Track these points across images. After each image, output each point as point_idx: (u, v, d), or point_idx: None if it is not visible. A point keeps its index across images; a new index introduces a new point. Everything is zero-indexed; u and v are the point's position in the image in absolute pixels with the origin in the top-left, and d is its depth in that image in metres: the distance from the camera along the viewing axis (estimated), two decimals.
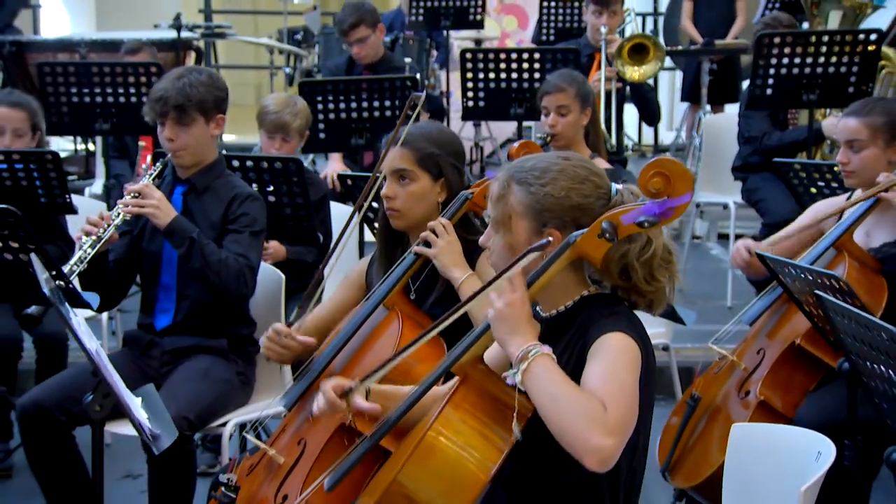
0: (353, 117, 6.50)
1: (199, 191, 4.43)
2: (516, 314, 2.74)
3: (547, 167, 2.89)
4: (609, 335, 2.74)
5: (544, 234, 2.83)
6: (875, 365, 3.09)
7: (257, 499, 3.61)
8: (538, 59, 6.95)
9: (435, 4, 9.33)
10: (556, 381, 2.66)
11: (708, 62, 9.37)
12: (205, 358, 4.29)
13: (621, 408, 2.65)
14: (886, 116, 4.44)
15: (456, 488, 2.72)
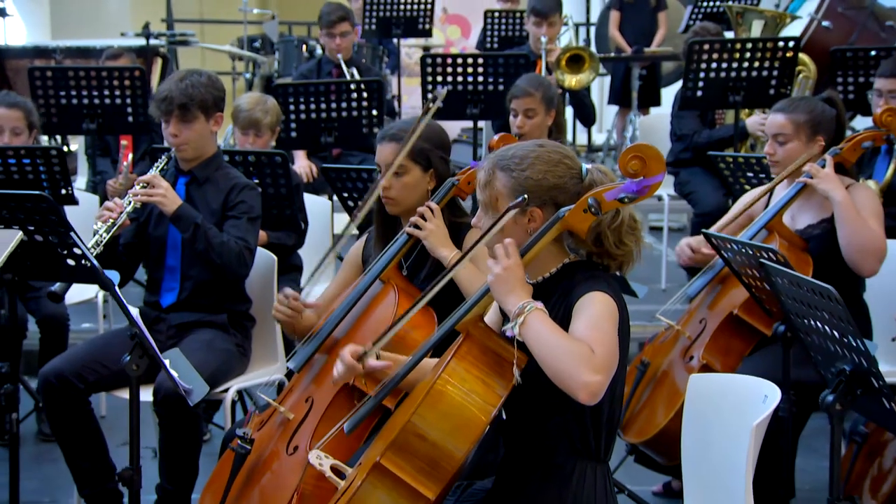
0: (323, 117, 6.55)
1: (201, 181, 4.55)
2: (512, 277, 2.91)
3: (525, 154, 3.09)
4: (591, 294, 2.93)
5: (526, 212, 3.02)
6: (810, 320, 3.32)
7: (269, 450, 3.76)
8: (492, 64, 7.00)
9: (387, 14, 9.41)
10: (549, 330, 2.85)
11: (638, 68, 9.53)
12: (207, 331, 4.43)
13: (605, 349, 2.83)
14: (808, 114, 4.61)
15: (461, 428, 2.90)
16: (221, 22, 12.15)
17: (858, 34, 8.13)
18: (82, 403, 4.32)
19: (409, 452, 2.94)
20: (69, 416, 4.31)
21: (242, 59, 10.65)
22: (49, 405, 4.30)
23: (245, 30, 10.78)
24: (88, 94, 6.59)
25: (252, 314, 4.70)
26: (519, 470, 3.10)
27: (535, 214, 3.01)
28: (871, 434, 4.24)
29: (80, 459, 4.37)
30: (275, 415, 3.84)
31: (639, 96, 9.59)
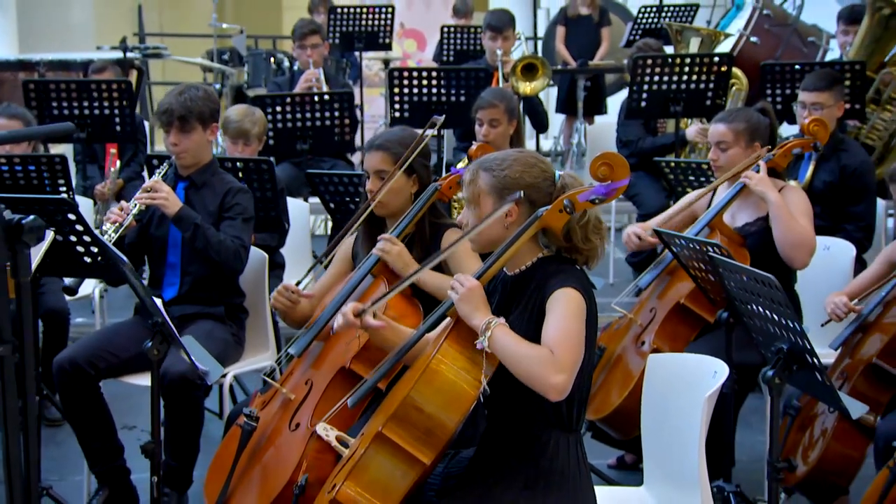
0: (298, 126, 6.68)
1: (198, 186, 4.66)
2: (473, 298, 3.11)
3: (505, 157, 3.28)
4: (560, 290, 3.11)
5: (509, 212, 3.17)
6: (753, 305, 3.54)
7: (272, 427, 3.87)
8: (454, 77, 7.09)
9: (349, 30, 9.55)
10: (512, 341, 3.05)
11: (583, 80, 9.68)
12: (206, 322, 4.52)
13: (568, 351, 3.02)
14: (746, 123, 4.77)
15: (453, 401, 3.08)
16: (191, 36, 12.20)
17: (783, 49, 8.13)
18: (93, 389, 4.41)
19: (408, 423, 3.09)
20: (81, 401, 4.40)
21: (213, 71, 10.67)
22: (63, 390, 4.39)
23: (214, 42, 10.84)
24: (79, 106, 6.65)
25: (246, 306, 4.81)
26: (500, 440, 3.24)
27: (511, 210, 3.18)
28: (802, 408, 4.40)
29: (91, 440, 4.45)
30: (276, 395, 3.94)
31: (584, 105, 9.73)
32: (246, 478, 3.84)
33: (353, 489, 3.13)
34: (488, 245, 3.26)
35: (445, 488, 3.32)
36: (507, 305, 3.24)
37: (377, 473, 3.15)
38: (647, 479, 3.72)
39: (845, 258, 5.13)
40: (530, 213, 3.17)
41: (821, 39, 8.30)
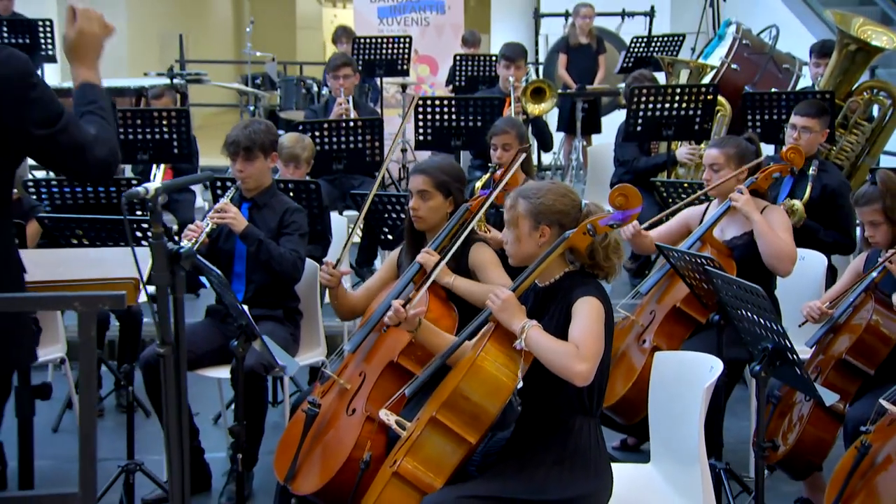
0: (335, 148, 6.79)
1: (260, 206, 4.87)
2: (510, 307, 3.33)
3: (540, 187, 3.50)
4: (583, 298, 3.32)
5: (539, 229, 3.42)
6: (743, 311, 3.69)
7: (331, 412, 4.02)
8: (471, 104, 7.20)
9: (371, 58, 9.66)
10: (544, 339, 3.25)
11: (581, 102, 9.66)
12: (268, 323, 4.70)
13: (590, 345, 3.22)
14: (736, 148, 4.90)
15: (495, 391, 3.29)
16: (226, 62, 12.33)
17: (761, 75, 8.17)
18: None
19: (457, 409, 3.30)
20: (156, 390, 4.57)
21: (247, 95, 10.69)
22: (148, 381, 4.56)
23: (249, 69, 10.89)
24: (143, 131, 6.78)
25: (300, 310, 5.00)
26: (532, 424, 3.43)
27: (544, 231, 3.41)
28: (783, 397, 4.46)
29: None
30: (334, 385, 4.09)
31: (582, 125, 9.71)
32: (310, 455, 3.97)
33: (411, 464, 3.34)
34: (524, 260, 3.46)
35: (485, 464, 3.49)
36: (538, 311, 3.43)
37: (431, 451, 3.35)
38: (654, 458, 3.86)
39: (818, 267, 5.24)
40: (559, 234, 3.38)
41: (794, 66, 8.36)
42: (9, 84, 2.79)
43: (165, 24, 19.71)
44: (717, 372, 3.49)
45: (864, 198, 4.42)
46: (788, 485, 4.70)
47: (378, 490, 3.42)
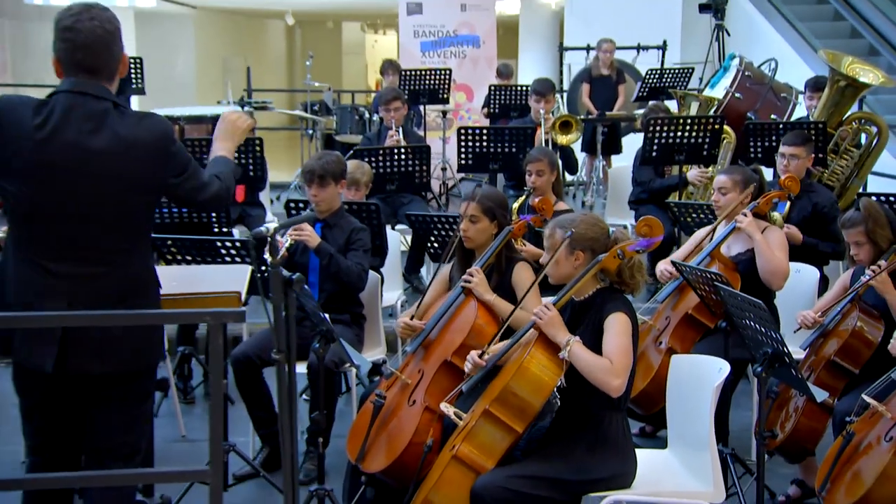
0: (387, 172, 6.89)
1: (331, 225, 5.00)
2: (555, 322, 3.52)
3: (574, 218, 3.68)
4: (614, 314, 3.51)
5: (574, 254, 3.60)
6: (746, 320, 3.83)
7: (395, 403, 4.12)
8: (507, 133, 7.28)
9: (416, 87, 9.78)
10: (584, 355, 3.44)
11: (602, 126, 9.63)
12: (337, 326, 4.67)
13: (622, 360, 3.42)
14: (741, 175, 5.02)
15: (539, 389, 3.49)
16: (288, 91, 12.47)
17: (761, 103, 8.09)
18: (258, 374, 4.74)
19: (507, 403, 3.50)
20: (250, 383, 4.75)
21: (306, 120, 10.78)
22: (237, 375, 4.73)
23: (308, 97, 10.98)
24: None
25: (364, 314, 5.13)
26: (569, 416, 3.59)
27: (579, 256, 3.60)
28: (780, 392, 4.42)
29: (257, 410, 4.79)
30: (397, 381, 4.17)
31: (602, 147, 9.70)
32: (377, 440, 4.07)
33: (467, 448, 3.54)
34: (562, 280, 3.64)
35: (529, 449, 3.66)
36: (575, 322, 3.60)
37: (484, 438, 3.54)
38: (671, 444, 3.97)
39: (812, 279, 5.32)
40: (592, 258, 3.57)
41: (791, 95, 8.33)
42: (156, 143, 3.14)
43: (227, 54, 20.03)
44: (724, 373, 3.64)
45: (849, 221, 4.52)
46: (785, 467, 4.74)
47: (440, 470, 3.59)
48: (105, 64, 3.09)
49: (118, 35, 3.14)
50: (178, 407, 5.39)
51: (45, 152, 3.00)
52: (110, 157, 3.05)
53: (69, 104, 3.04)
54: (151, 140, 3.11)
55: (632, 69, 10.93)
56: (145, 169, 3.12)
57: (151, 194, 3.22)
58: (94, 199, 3.06)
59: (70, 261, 3.09)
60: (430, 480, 3.65)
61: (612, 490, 3.58)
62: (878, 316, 4.40)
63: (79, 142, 3.02)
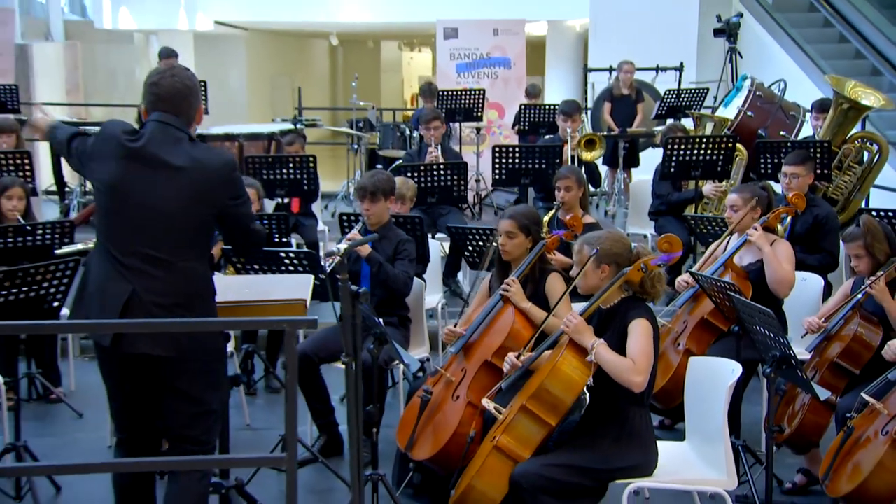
0: (428, 185, 7.00)
1: (380, 237, 5.07)
2: (580, 328, 3.62)
3: (601, 235, 3.79)
4: (637, 320, 3.61)
5: (601, 268, 3.69)
6: (757, 326, 3.94)
7: (439, 398, 4.26)
8: (537, 151, 7.40)
9: (452, 106, 9.93)
10: (609, 356, 3.55)
11: (623, 141, 9.73)
12: (387, 328, 4.66)
13: (644, 360, 3.53)
14: (752, 193, 5.07)
15: (570, 388, 3.61)
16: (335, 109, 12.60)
17: (771, 121, 8.08)
18: (316, 370, 4.87)
19: (541, 400, 3.62)
20: (309, 378, 4.86)
21: (352, 136, 10.89)
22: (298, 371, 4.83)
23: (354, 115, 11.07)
24: (280, 173, 7.09)
25: (410, 317, 5.23)
26: (597, 410, 3.72)
27: (605, 269, 3.70)
28: (787, 390, 4.55)
29: (314, 402, 4.92)
30: (442, 378, 4.31)
31: (623, 160, 9.77)
32: (424, 430, 4.21)
33: (506, 439, 3.67)
34: (590, 290, 3.76)
35: (561, 440, 3.77)
36: (602, 328, 3.72)
37: (521, 430, 3.66)
38: (688, 437, 4.04)
39: (816, 286, 5.37)
40: (617, 271, 3.68)
41: (799, 113, 8.31)
42: (222, 167, 3.43)
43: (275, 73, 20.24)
44: (737, 374, 3.73)
45: (850, 236, 4.60)
46: (792, 458, 4.78)
47: (482, 459, 3.73)
48: (184, 112, 3.43)
49: (195, 90, 3.48)
50: (243, 399, 5.54)
51: (134, 158, 3.34)
52: (184, 171, 3.34)
53: (156, 128, 3.39)
54: (218, 164, 3.41)
55: (651, 89, 10.95)
56: (211, 186, 3.39)
57: (212, 209, 3.43)
58: (164, 205, 3.33)
59: (137, 256, 3.32)
60: (473, 468, 3.78)
61: (636, 478, 3.66)
62: (877, 322, 4.44)
63: (161, 155, 3.34)
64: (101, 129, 3.47)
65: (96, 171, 3.42)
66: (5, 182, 5.59)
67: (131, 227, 3.35)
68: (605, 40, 11.84)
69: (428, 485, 4.39)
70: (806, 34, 11.80)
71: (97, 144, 3.45)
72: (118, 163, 3.36)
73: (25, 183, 5.99)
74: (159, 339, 3.31)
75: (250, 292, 3.84)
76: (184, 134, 3.42)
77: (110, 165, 3.37)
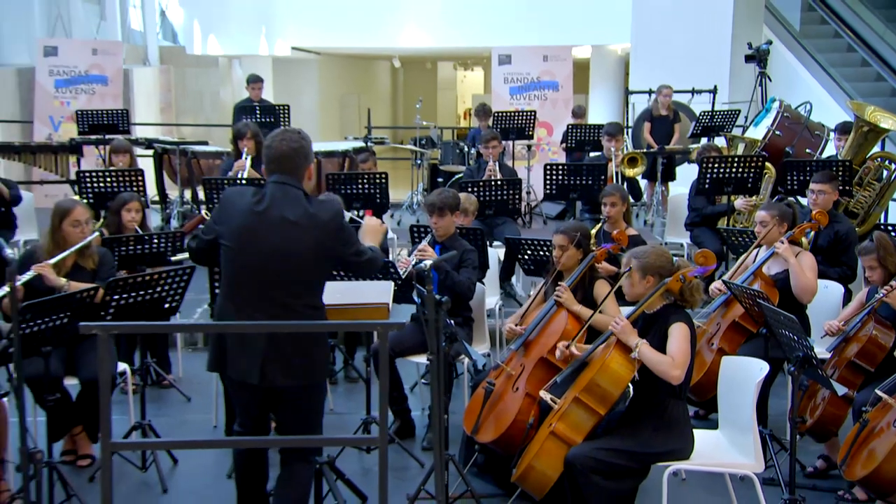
0: (486, 199, 7.09)
1: (447, 247, 5.27)
2: (627, 329, 3.77)
3: (646, 250, 3.93)
4: (676, 324, 3.76)
5: (646, 278, 3.83)
6: (782, 330, 4.02)
7: (501, 389, 4.40)
8: (584, 168, 7.54)
9: (506, 126, 9.99)
10: (651, 353, 3.69)
11: (661, 158, 9.78)
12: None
13: (681, 358, 3.66)
14: (778, 211, 5.16)
15: (617, 382, 3.78)
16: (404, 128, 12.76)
17: (798, 139, 8.07)
18: (392, 363, 5.03)
19: (592, 392, 3.80)
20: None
21: (415, 153, 11.07)
22: (376, 363, 4.91)
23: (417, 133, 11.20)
24: (357, 187, 7.26)
25: (472, 317, 5.38)
26: (641, 402, 3.86)
27: (649, 279, 3.85)
28: (809, 386, 4.62)
29: (391, 390, 5.00)
30: (503, 372, 4.45)
31: (661, 174, 9.82)
32: (488, 417, 4.35)
33: (561, 426, 3.85)
34: (636, 298, 3.91)
35: (609, 428, 3.93)
36: (646, 330, 3.87)
37: (574, 419, 3.84)
38: (721, 426, 4.12)
39: (837, 293, 5.46)
40: (660, 280, 3.83)
41: (823, 132, 8.28)
42: (332, 219, 3.54)
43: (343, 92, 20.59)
44: (764, 372, 3.86)
45: (864, 250, 4.69)
46: (813, 446, 4.85)
47: (539, 443, 3.92)
48: (293, 171, 3.57)
49: (302, 151, 3.59)
50: (328, 387, 5.70)
51: (260, 220, 3.49)
52: (301, 227, 3.48)
53: (276, 189, 3.55)
54: (329, 216, 3.54)
55: (687, 109, 10.95)
56: (324, 236, 3.51)
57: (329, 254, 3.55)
58: (286, 255, 3.46)
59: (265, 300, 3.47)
60: (533, 450, 3.97)
61: (675, 461, 3.80)
62: (890, 326, 4.51)
63: (282, 214, 3.49)
64: (225, 197, 3.62)
65: (225, 233, 3.55)
66: (125, 197, 5.88)
67: (258, 276, 3.47)
68: (644, 64, 11.88)
69: (490, 464, 4.54)
70: (830, 58, 11.78)
71: (224, 211, 3.58)
72: (246, 222, 3.49)
73: (140, 197, 6.27)
74: (289, 371, 3.47)
75: (342, 297, 4.03)
76: (299, 191, 3.54)
77: (239, 226, 3.50)
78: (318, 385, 3.68)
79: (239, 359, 3.53)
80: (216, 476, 4.73)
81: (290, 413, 3.60)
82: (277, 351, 3.45)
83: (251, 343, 3.48)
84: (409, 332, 5.21)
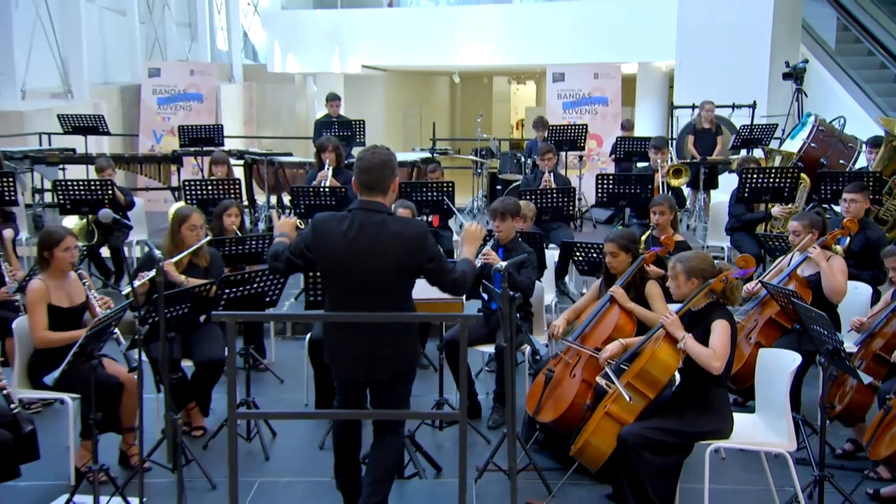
0: (543, 206, 7.27)
1: (509, 250, 5.33)
2: (676, 324, 3.89)
3: (690, 256, 4.03)
4: (718, 320, 3.85)
5: (690, 280, 3.93)
6: (814, 325, 4.06)
7: (560, 375, 4.54)
8: (632, 178, 7.63)
9: (559, 138, 10.17)
10: (695, 346, 3.78)
11: (704, 168, 9.76)
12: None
13: (721, 350, 3.75)
14: (809, 221, 5.23)
15: (665, 369, 3.91)
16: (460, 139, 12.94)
17: (832, 151, 8.19)
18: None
19: (643, 378, 3.94)
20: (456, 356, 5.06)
21: (476, 163, 11.25)
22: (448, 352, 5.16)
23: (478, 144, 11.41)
24: (424, 195, 7.42)
25: (532, 312, 5.44)
26: (686, 388, 3.96)
27: (693, 281, 3.96)
28: (838, 375, 4.59)
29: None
30: (562, 360, 4.60)
31: (703, 183, 9.80)
32: (548, 400, 4.50)
33: (615, 408, 4.00)
34: (682, 297, 4.04)
35: (657, 410, 4.03)
36: (692, 325, 3.99)
37: (627, 401, 3.98)
38: (758, 410, 4.19)
39: (866, 293, 5.46)
40: (704, 282, 3.95)
41: (856, 144, 8.33)
42: (417, 237, 3.63)
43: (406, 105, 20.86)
44: (797, 362, 3.93)
45: (888, 253, 4.78)
46: (842, 430, 4.89)
47: (595, 422, 4.09)
48: (379, 183, 3.63)
49: (391, 164, 3.66)
50: None
51: (351, 248, 3.60)
52: (389, 246, 3.58)
53: (362, 216, 3.64)
54: (414, 234, 3.62)
55: (728, 123, 10.95)
56: (410, 253, 3.59)
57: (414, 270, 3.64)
58: (376, 277, 3.58)
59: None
60: (589, 429, 4.13)
61: (716, 440, 3.89)
62: None
63: (371, 237, 3.59)
64: (315, 226, 3.65)
65: (321, 261, 3.65)
66: (226, 204, 6.21)
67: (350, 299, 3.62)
68: (688, 81, 11.88)
69: (550, 442, 4.69)
70: (864, 75, 11.69)
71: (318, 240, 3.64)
72: (341, 252, 3.59)
73: (239, 203, 6.59)
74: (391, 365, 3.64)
75: (422, 292, 4.24)
76: (383, 213, 3.61)
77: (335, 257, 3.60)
78: (411, 372, 3.89)
79: (347, 359, 3.72)
80: (310, 447, 5.01)
81: (385, 395, 3.81)
82: (380, 352, 3.65)
83: (358, 346, 3.67)
84: (475, 324, 5.29)
